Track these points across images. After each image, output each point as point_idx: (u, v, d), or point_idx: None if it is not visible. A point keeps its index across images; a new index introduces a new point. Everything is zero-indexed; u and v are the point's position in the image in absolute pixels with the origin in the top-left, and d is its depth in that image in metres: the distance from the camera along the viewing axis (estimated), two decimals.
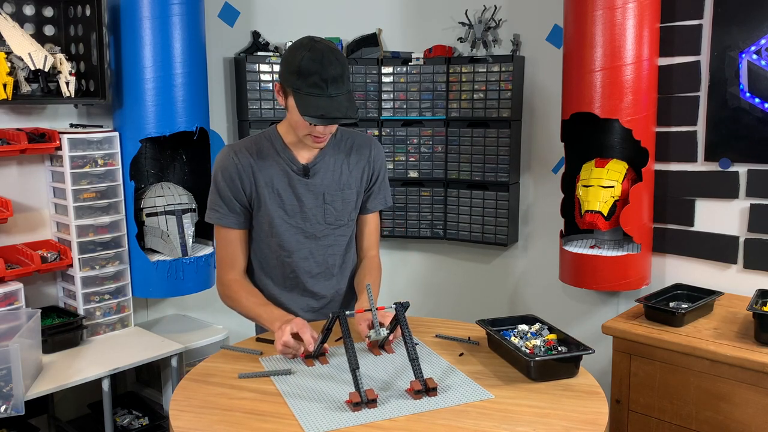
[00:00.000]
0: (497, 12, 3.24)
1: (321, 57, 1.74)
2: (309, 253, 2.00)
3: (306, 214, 1.96)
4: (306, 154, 1.96)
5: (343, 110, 1.75)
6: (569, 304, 3.20)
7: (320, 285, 2.04)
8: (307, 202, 1.96)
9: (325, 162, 1.97)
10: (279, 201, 1.94)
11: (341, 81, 1.77)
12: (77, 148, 2.59)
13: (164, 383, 2.80)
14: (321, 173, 1.96)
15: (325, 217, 1.98)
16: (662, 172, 2.78)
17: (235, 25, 3.27)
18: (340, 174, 1.99)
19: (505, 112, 3.17)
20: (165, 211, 2.82)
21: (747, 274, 2.62)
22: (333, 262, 2.04)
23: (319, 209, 1.97)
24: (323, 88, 1.74)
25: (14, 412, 2.11)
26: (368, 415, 1.49)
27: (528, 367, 1.67)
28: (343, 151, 2.00)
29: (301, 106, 1.76)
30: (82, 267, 2.65)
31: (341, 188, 1.99)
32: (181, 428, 1.46)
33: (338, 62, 1.76)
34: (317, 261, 2.01)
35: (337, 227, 2.01)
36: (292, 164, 1.94)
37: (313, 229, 1.98)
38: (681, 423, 2.23)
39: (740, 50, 2.54)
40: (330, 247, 2.02)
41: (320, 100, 1.74)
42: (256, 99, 3.21)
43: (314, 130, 1.83)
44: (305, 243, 1.99)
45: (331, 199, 1.98)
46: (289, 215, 1.95)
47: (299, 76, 1.75)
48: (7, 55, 2.46)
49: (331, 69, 1.74)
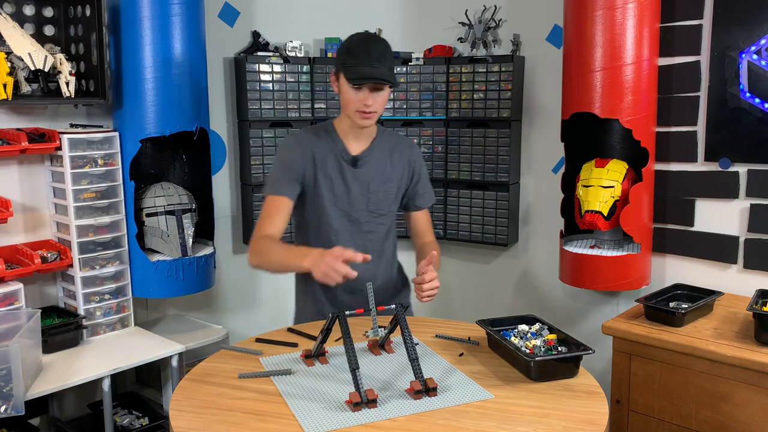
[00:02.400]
0: (497, 12, 3.24)
1: (366, 37, 2.07)
2: (350, 236, 2.17)
3: (351, 200, 2.16)
4: (356, 147, 2.17)
5: (384, 75, 2.00)
6: (569, 304, 3.20)
7: (359, 267, 2.05)
8: (353, 189, 2.15)
9: (372, 156, 2.18)
10: (330, 185, 2.14)
11: (384, 57, 2.02)
12: (77, 148, 2.59)
13: (164, 383, 2.80)
14: (368, 165, 2.17)
15: (368, 205, 2.17)
16: (662, 172, 2.78)
17: (235, 25, 3.27)
18: (384, 168, 2.19)
19: (505, 112, 3.17)
20: (165, 211, 2.82)
21: (747, 274, 2.62)
22: (372, 247, 2.18)
23: (363, 197, 2.16)
24: (366, 59, 1.99)
25: (14, 412, 2.11)
26: (368, 415, 1.49)
27: (528, 367, 1.67)
28: (388, 149, 2.21)
29: (348, 73, 2.01)
30: (82, 267, 2.65)
31: (384, 181, 2.19)
32: (181, 428, 1.46)
33: (382, 44, 2.05)
34: (357, 245, 2.13)
35: (378, 216, 2.20)
36: (343, 153, 2.15)
37: (357, 215, 2.17)
38: (681, 423, 2.23)
39: (740, 50, 2.54)
40: (370, 233, 2.20)
41: (364, 68, 1.99)
42: (256, 99, 3.21)
43: (361, 104, 2.03)
44: (348, 226, 2.17)
45: (375, 189, 2.17)
46: (337, 198, 2.15)
47: (348, 53, 2.03)
48: (7, 55, 2.46)
49: (375, 46, 2.02)
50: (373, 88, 2.01)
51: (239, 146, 3.32)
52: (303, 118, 3.33)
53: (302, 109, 3.32)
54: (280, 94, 3.26)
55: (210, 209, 2.99)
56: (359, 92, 2.02)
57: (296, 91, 3.30)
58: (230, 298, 3.42)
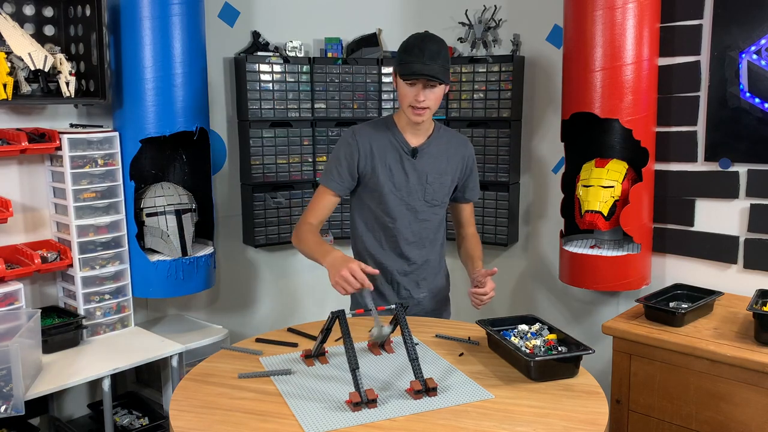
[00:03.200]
0: (497, 12, 3.24)
1: (423, 36, 2.14)
2: (408, 223, 2.29)
3: (410, 189, 2.27)
4: (415, 140, 2.27)
5: (435, 72, 2.07)
6: (569, 304, 3.20)
7: (414, 252, 2.32)
8: (411, 179, 2.26)
9: (430, 149, 2.28)
10: (390, 174, 2.25)
11: (438, 56, 2.09)
12: (77, 148, 2.59)
13: (164, 383, 2.80)
14: (426, 157, 2.27)
15: (424, 195, 2.28)
16: (662, 172, 2.78)
17: (235, 25, 3.27)
18: (441, 161, 2.29)
19: (505, 112, 3.17)
20: (165, 211, 2.82)
21: (747, 274, 2.62)
22: (426, 235, 2.33)
23: (421, 187, 2.27)
24: (420, 56, 2.08)
25: (14, 412, 2.11)
26: (368, 415, 1.49)
27: (528, 367, 1.67)
28: (444, 144, 2.31)
29: (401, 69, 2.11)
30: (82, 267, 2.65)
31: (440, 173, 2.29)
32: (181, 428, 1.46)
33: (437, 43, 2.12)
34: (413, 231, 2.30)
35: (433, 206, 2.31)
36: (403, 145, 2.26)
37: (414, 203, 2.28)
38: (681, 423, 2.23)
39: (740, 50, 2.54)
40: (425, 221, 2.31)
41: (416, 65, 2.08)
42: (256, 99, 3.21)
43: (414, 100, 2.12)
44: (406, 214, 2.29)
45: (432, 180, 2.28)
46: (397, 188, 2.26)
47: (404, 51, 2.13)
48: (7, 55, 2.45)
49: (430, 45, 2.10)
50: (425, 84, 2.10)
51: (239, 146, 3.32)
52: (303, 118, 3.33)
53: (302, 109, 3.32)
54: (280, 94, 3.26)
55: (210, 209, 2.99)
56: (412, 88, 2.11)
57: (296, 91, 3.30)
58: (230, 298, 3.42)
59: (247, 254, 3.44)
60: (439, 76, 2.09)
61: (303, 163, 3.36)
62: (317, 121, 3.36)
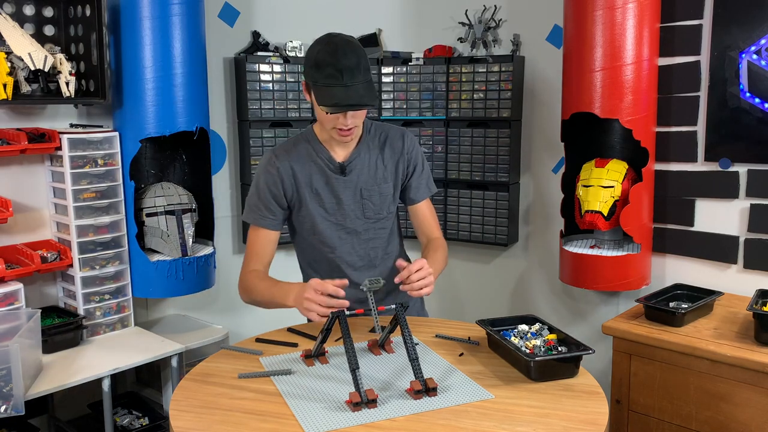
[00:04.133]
0: (497, 12, 3.24)
1: (335, 49, 1.81)
2: (351, 247, 2.07)
3: (345, 211, 2.03)
4: (342, 152, 2.03)
5: (358, 98, 1.80)
6: (569, 304, 3.20)
7: (364, 276, 2.04)
8: (345, 198, 2.03)
9: (361, 159, 2.03)
10: (318, 200, 2.02)
11: (357, 70, 1.80)
12: (77, 148, 2.59)
13: (164, 383, 2.80)
14: (357, 170, 2.03)
15: (363, 212, 2.05)
16: (662, 172, 2.78)
17: (235, 25, 3.27)
18: (376, 169, 2.05)
19: (505, 112, 3.17)
20: (165, 211, 2.82)
21: (747, 274, 2.62)
22: (375, 254, 2.10)
23: (357, 205, 2.04)
24: (338, 77, 1.79)
25: (14, 412, 2.11)
26: (368, 415, 1.49)
27: (528, 367, 1.67)
28: (377, 146, 2.06)
29: (319, 96, 1.83)
30: (82, 267, 2.65)
31: (378, 183, 2.04)
32: (181, 428, 1.46)
33: (353, 53, 1.81)
34: (359, 255, 2.08)
35: (377, 221, 2.07)
36: (329, 163, 2.02)
37: (353, 225, 2.05)
38: (681, 423, 2.23)
39: (740, 50, 2.54)
40: (371, 240, 2.09)
41: (335, 90, 1.79)
42: (256, 99, 3.21)
43: (338, 123, 1.88)
44: (347, 238, 2.06)
45: (369, 194, 2.04)
46: (329, 213, 2.03)
47: (316, 68, 1.82)
48: (7, 55, 2.45)
49: (345, 60, 1.79)
50: None
51: (239, 146, 3.32)
52: (303, 118, 3.33)
53: (302, 109, 3.32)
54: (280, 94, 3.26)
55: (210, 209, 2.99)
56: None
57: (296, 91, 3.30)
58: (230, 298, 3.41)
59: None
60: (365, 101, 1.79)
61: None
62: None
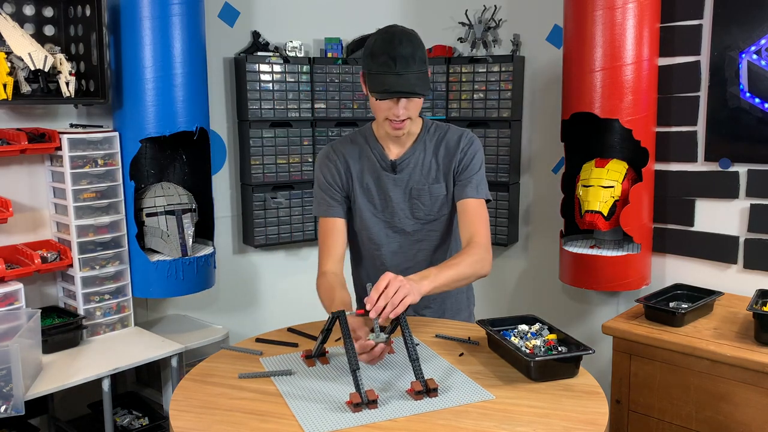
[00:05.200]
0: (497, 12, 3.24)
1: (391, 38, 1.81)
2: (398, 247, 2.04)
3: (394, 209, 2.01)
4: (396, 150, 2.00)
5: (409, 86, 1.78)
6: (569, 304, 3.20)
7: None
8: (394, 197, 2.00)
9: (415, 158, 2.00)
10: (369, 195, 2.01)
11: (411, 60, 1.79)
12: (77, 148, 2.59)
13: (164, 383, 2.80)
14: (408, 169, 1.99)
15: (413, 212, 2.01)
16: (662, 172, 2.78)
17: (235, 25, 3.27)
18: (429, 169, 2.00)
19: (505, 112, 3.17)
20: (165, 211, 2.82)
21: (747, 274, 2.62)
22: (423, 257, 2.05)
23: (406, 204, 2.00)
24: (391, 66, 1.78)
25: (14, 412, 2.11)
26: (369, 415, 1.49)
27: (528, 367, 1.67)
28: (433, 146, 2.01)
29: (371, 84, 1.82)
30: (82, 267, 2.65)
31: (429, 183, 1.99)
32: (181, 428, 1.46)
33: (409, 43, 1.81)
34: (407, 256, 2.04)
35: (427, 222, 2.03)
36: (381, 160, 2.00)
37: (401, 224, 2.02)
38: (681, 423, 2.23)
39: (740, 50, 2.54)
40: (420, 242, 2.04)
41: (387, 77, 1.78)
42: (256, 99, 3.21)
43: (390, 114, 1.86)
44: (394, 237, 2.03)
45: (418, 194, 2.00)
46: (378, 209, 2.02)
47: (371, 57, 1.82)
48: (7, 55, 2.45)
49: (401, 48, 1.79)
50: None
51: (239, 146, 3.32)
52: (303, 118, 3.33)
53: (302, 109, 3.32)
54: (280, 94, 3.26)
55: (210, 209, 2.99)
56: (386, 101, 1.84)
57: (296, 91, 3.30)
58: (230, 298, 3.42)
59: (246, 254, 3.44)
60: (416, 89, 1.78)
61: (303, 164, 3.36)
62: (317, 122, 3.36)
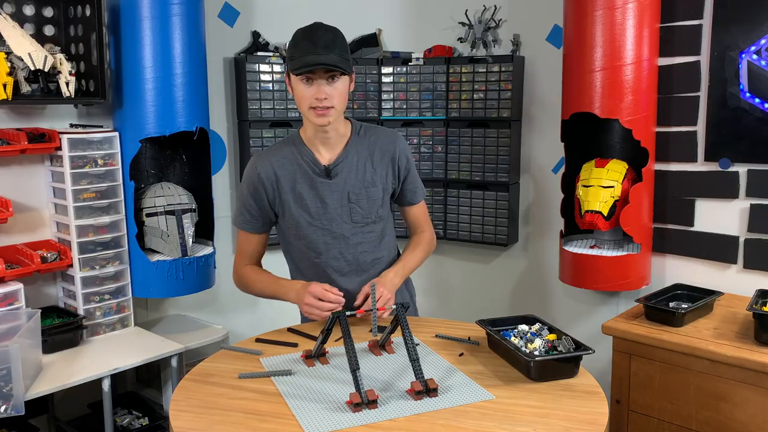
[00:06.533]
0: (497, 12, 3.24)
1: (311, 27, 1.88)
2: (339, 252, 2.03)
3: (331, 215, 1.99)
4: (327, 154, 1.99)
5: (332, 61, 1.81)
6: (569, 304, 3.20)
7: (353, 282, 2.04)
8: (331, 203, 1.98)
9: (348, 162, 1.98)
10: (303, 204, 1.98)
11: (333, 45, 1.84)
12: (77, 148, 2.59)
13: (164, 383, 2.80)
14: (344, 173, 1.98)
15: (351, 217, 2.00)
16: (662, 172, 2.78)
17: (235, 25, 3.27)
18: (365, 172, 2.00)
19: (505, 112, 3.17)
20: (165, 211, 2.82)
21: (747, 274, 2.62)
22: (364, 258, 2.05)
23: (345, 209, 1.99)
24: (312, 48, 1.82)
25: (14, 412, 2.11)
26: (369, 415, 1.49)
27: (528, 367, 1.67)
28: (367, 149, 2.01)
29: (293, 68, 1.84)
30: (82, 267, 2.65)
31: (366, 186, 1.99)
32: (181, 428, 1.46)
33: (330, 32, 1.87)
34: (348, 260, 2.03)
35: (365, 225, 2.02)
36: (314, 166, 1.97)
37: (340, 230, 2.01)
38: (681, 423, 2.23)
39: (740, 50, 2.54)
40: (359, 245, 2.04)
41: (309, 57, 1.81)
42: (256, 99, 3.21)
43: (313, 100, 1.86)
44: (334, 243, 2.02)
45: (356, 198, 1.99)
46: (314, 217, 1.99)
47: (294, 47, 1.87)
48: (7, 55, 2.45)
49: (321, 35, 1.84)
50: (325, 77, 1.83)
51: (239, 146, 3.32)
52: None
53: None
54: (280, 94, 3.26)
55: (210, 209, 2.99)
56: (310, 87, 1.84)
57: None
58: (230, 298, 3.41)
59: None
60: (338, 64, 1.80)
61: None
62: None
